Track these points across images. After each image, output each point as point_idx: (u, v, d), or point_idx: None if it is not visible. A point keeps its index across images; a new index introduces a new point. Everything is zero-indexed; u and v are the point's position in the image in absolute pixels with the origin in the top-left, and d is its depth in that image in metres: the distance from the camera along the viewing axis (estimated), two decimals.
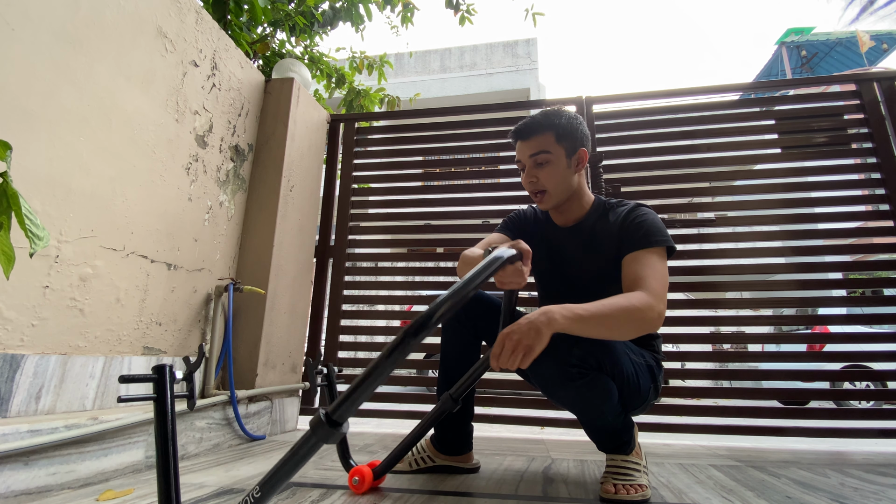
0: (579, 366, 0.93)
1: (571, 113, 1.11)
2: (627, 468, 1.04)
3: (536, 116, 1.09)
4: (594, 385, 0.95)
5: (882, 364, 1.94)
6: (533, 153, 1.08)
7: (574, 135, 1.09)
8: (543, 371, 0.95)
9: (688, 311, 2.07)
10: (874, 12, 6.10)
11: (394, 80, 10.18)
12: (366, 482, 1.02)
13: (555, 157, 1.08)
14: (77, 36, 1.23)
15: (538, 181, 1.09)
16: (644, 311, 0.88)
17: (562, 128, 1.08)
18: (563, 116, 1.09)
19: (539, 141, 1.08)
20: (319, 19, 2.80)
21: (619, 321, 0.87)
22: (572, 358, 0.92)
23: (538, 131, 1.08)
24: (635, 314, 0.88)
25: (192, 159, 1.66)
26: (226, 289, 1.76)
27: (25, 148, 1.08)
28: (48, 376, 1.11)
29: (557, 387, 0.96)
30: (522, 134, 1.10)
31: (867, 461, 1.55)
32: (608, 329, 0.87)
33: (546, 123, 1.08)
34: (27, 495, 0.94)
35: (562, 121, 1.08)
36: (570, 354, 0.92)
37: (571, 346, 0.93)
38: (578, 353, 0.93)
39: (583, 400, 0.97)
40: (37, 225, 0.65)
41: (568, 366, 0.92)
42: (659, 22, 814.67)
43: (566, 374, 0.92)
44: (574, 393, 0.95)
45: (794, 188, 2.15)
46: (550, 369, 0.94)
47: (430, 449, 1.25)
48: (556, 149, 1.07)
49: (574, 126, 1.09)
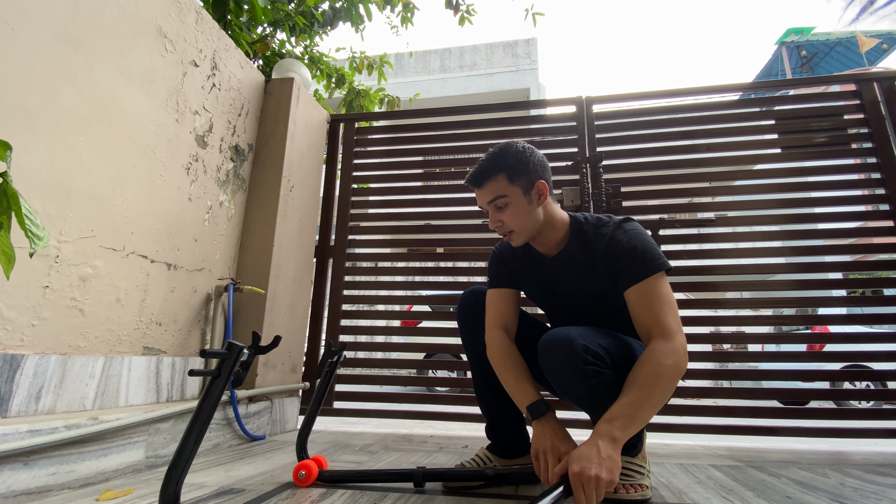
0: (595, 364, 0.93)
1: (520, 147, 1.07)
2: (631, 469, 1.04)
3: (484, 162, 1.07)
4: (609, 383, 0.94)
5: (882, 364, 1.94)
6: (490, 200, 1.06)
7: (526, 169, 1.06)
8: (558, 368, 0.95)
9: (688, 311, 2.07)
10: (874, 12, 6.10)
11: (394, 80, 10.19)
12: (311, 476, 1.08)
13: (512, 198, 1.05)
14: (77, 36, 1.23)
15: (503, 224, 1.08)
16: (673, 361, 0.88)
17: (512, 168, 1.05)
18: (510, 155, 1.06)
19: (492, 187, 1.06)
20: (319, 19, 2.80)
21: (660, 389, 0.86)
22: (588, 355, 0.93)
23: (489, 176, 1.05)
24: (668, 372, 0.87)
25: (192, 159, 1.66)
26: (226, 289, 1.76)
27: (25, 148, 1.08)
28: (48, 376, 1.11)
29: (573, 384, 0.95)
30: (476, 182, 1.08)
31: (867, 461, 1.54)
32: (656, 403, 0.86)
33: (495, 167, 1.05)
34: (27, 495, 0.94)
35: (510, 160, 1.05)
36: (585, 352, 0.92)
37: (587, 343, 0.93)
38: (594, 351, 0.93)
39: (598, 398, 0.96)
40: (37, 225, 0.65)
41: (584, 363, 0.92)
42: (659, 22, 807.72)
43: (582, 371, 0.92)
44: (589, 391, 0.95)
45: (794, 188, 2.15)
46: (565, 367, 0.94)
47: (492, 457, 1.23)
48: (511, 190, 1.05)
49: (524, 161, 1.06)
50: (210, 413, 0.78)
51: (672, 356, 0.88)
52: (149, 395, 1.42)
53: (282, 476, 1.19)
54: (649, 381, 0.86)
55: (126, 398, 1.34)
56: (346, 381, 2.30)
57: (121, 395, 1.32)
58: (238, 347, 0.81)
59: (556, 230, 1.12)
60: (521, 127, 2.45)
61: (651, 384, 0.86)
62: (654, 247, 1.02)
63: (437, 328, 2.32)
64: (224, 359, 0.80)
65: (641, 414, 0.85)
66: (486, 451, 1.24)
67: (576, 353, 0.92)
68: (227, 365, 0.80)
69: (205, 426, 0.78)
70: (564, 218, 1.14)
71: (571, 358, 0.93)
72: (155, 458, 1.26)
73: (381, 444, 1.74)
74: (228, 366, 0.80)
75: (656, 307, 0.94)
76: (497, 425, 1.22)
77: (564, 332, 0.97)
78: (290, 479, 1.15)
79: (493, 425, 1.22)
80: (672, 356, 0.88)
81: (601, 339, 0.97)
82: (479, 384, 1.24)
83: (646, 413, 0.85)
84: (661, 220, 2.12)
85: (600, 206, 2.19)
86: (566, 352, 0.93)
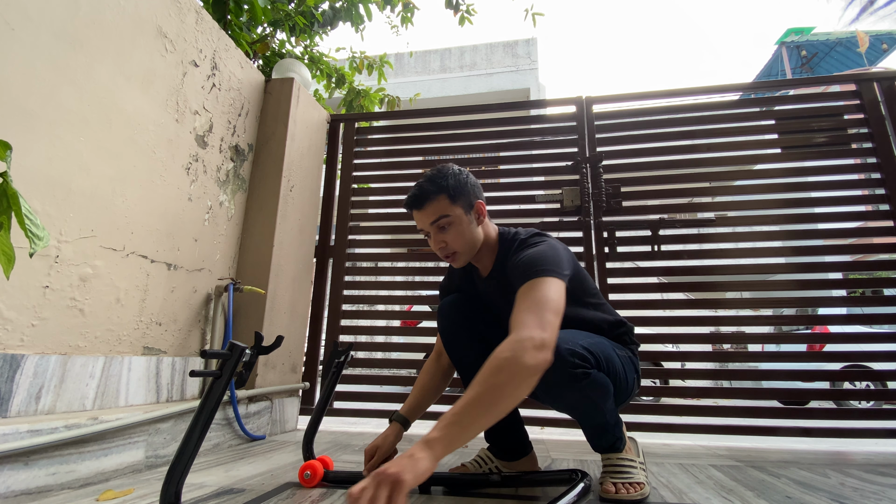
0: (583, 366, 0.93)
1: (456, 169, 1.10)
2: (624, 465, 1.04)
3: (424, 184, 1.08)
4: (596, 384, 0.95)
5: (882, 364, 1.94)
6: (433, 220, 1.07)
7: (465, 190, 1.08)
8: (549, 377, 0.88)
9: (688, 311, 2.07)
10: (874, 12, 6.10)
11: (394, 80, 10.18)
12: (317, 476, 1.08)
13: (455, 217, 1.07)
14: (77, 36, 1.23)
15: (447, 245, 1.08)
16: (511, 354, 0.78)
17: (452, 188, 1.06)
18: (449, 176, 1.08)
19: (434, 207, 1.06)
20: (319, 19, 2.80)
21: (494, 386, 0.76)
22: (575, 359, 0.92)
23: (431, 198, 1.06)
24: (505, 366, 0.77)
25: (192, 159, 1.66)
26: (226, 289, 1.76)
27: (25, 148, 1.08)
28: (48, 376, 1.11)
29: (564, 390, 0.94)
30: (417, 204, 1.08)
31: (867, 461, 1.55)
32: (490, 400, 0.76)
33: (436, 188, 1.06)
34: (27, 495, 0.94)
35: (450, 181, 1.07)
36: (572, 356, 0.92)
37: (571, 348, 0.93)
38: (580, 353, 0.93)
39: (586, 400, 0.97)
40: (37, 225, 0.65)
41: (573, 367, 0.92)
42: (659, 22, 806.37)
43: (573, 376, 0.92)
44: (579, 394, 0.95)
45: (794, 188, 2.15)
46: (556, 374, 0.91)
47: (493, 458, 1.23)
48: (453, 210, 1.07)
49: (463, 182, 1.09)
50: (211, 413, 0.78)
51: (512, 349, 0.79)
52: (149, 395, 1.42)
53: (282, 476, 1.19)
54: (482, 378, 0.78)
55: (126, 398, 1.34)
56: (346, 380, 2.30)
57: (121, 395, 1.32)
58: (240, 348, 0.81)
59: (491, 249, 1.16)
60: (521, 127, 2.45)
61: (482, 381, 0.77)
62: (547, 257, 0.97)
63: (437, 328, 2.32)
64: (225, 359, 0.80)
65: (466, 412, 0.75)
66: (486, 452, 1.24)
67: (562, 358, 0.90)
68: (228, 365, 0.80)
69: (206, 426, 0.78)
70: (495, 237, 1.16)
71: (561, 365, 0.90)
72: (155, 458, 1.26)
73: None
74: (230, 366, 0.80)
75: (523, 304, 0.88)
76: (495, 429, 1.20)
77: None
78: (290, 479, 1.15)
79: (493, 430, 1.21)
80: (512, 349, 0.79)
81: (581, 339, 0.97)
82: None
83: (471, 412, 0.76)
84: (661, 220, 2.12)
85: (600, 206, 2.19)
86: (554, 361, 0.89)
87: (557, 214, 2.27)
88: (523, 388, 0.78)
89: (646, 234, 2.15)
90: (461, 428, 0.75)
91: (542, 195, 2.32)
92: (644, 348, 1.34)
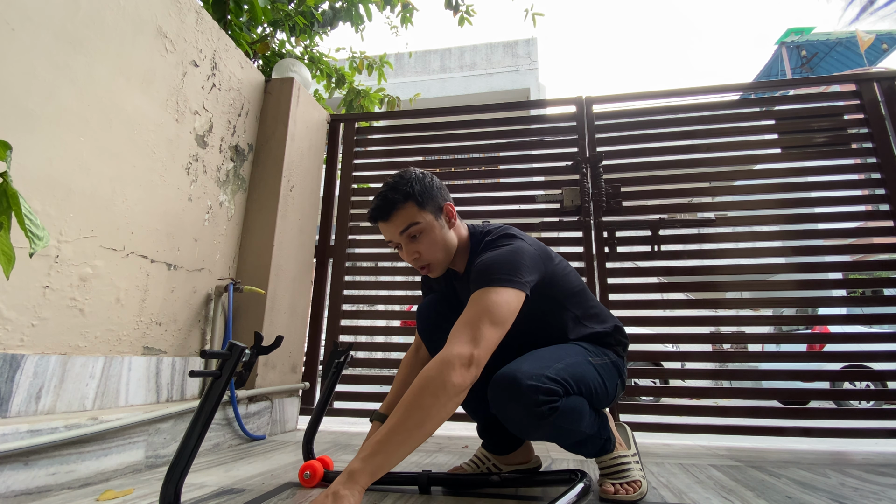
0: (550, 401, 0.86)
1: (419, 173, 1.04)
2: (618, 464, 1.04)
3: (387, 193, 1.00)
4: (567, 412, 0.89)
5: (882, 364, 1.93)
6: (402, 229, 1.00)
7: (432, 193, 1.02)
8: (513, 417, 0.88)
9: (688, 311, 2.07)
10: (874, 12, 6.10)
11: (394, 80, 10.18)
12: (317, 476, 1.08)
13: (426, 224, 1.00)
14: (77, 36, 1.23)
15: (420, 255, 1.02)
16: (437, 372, 0.77)
17: (419, 194, 1.00)
18: (413, 182, 1.01)
19: (402, 216, 0.99)
20: (319, 19, 2.80)
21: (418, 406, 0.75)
22: (539, 395, 0.85)
23: (397, 206, 0.99)
24: (429, 385, 0.76)
25: (192, 159, 1.66)
26: (226, 289, 1.76)
27: (25, 148, 1.08)
28: (48, 376, 1.11)
29: (531, 427, 0.89)
30: (383, 215, 1.00)
31: (867, 461, 1.54)
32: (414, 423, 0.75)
33: (402, 195, 0.99)
34: (27, 495, 0.94)
35: (415, 187, 1.00)
36: (536, 392, 0.85)
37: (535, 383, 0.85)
38: (545, 388, 0.86)
39: (559, 431, 0.92)
40: (37, 225, 0.65)
41: (537, 406, 0.85)
42: (659, 22, 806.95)
43: (539, 414, 0.85)
44: (550, 428, 0.89)
45: (794, 188, 2.15)
46: (520, 415, 0.87)
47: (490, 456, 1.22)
48: (423, 216, 1.00)
49: (428, 186, 1.02)
50: (211, 413, 0.78)
51: (438, 369, 0.78)
52: (149, 395, 1.42)
53: (282, 476, 1.19)
54: (407, 401, 0.77)
55: (126, 398, 1.34)
56: (346, 380, 2.30)
57: (121, 395, 1.32)
58: (240, 348, 0.81)
59: (464, 250, 1.10)
60: (521, 127, 2.45)
61: (407, 405, 0.76)
62: (504, 263, 0.93)
63: None
64: (225, 359, 0.80)
65: (393, 439, 0.74)
66: (483, 451, 1.23)
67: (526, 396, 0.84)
68: (228, 365, 0.80)
69: (206, 426, 0.78)
70: (467, 237, 1.11)
71: (524, 406, 0.85)
72: (155, 458, 1.26)
73: None
74: (230, 366, 0.80)
75: (465, 315, 0.86)
76: (488, 426, 1.20)
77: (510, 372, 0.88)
78: (290, 479, 1.15)
79: (485, 426, 1.21)
80: (438, 369, 0.78)
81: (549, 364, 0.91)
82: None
83: (400, 437, 0.74)
84: (661, 220, 2.12)
85: (600, 206, 2.19)
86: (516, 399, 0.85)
87: (557, 214, 2.27)
88: (448, 408, 0.78)
89: (646, 234, 2.15)
90: (386, 456, 0.74)
91: (542, 195, 2.32)
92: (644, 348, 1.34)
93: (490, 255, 0.97)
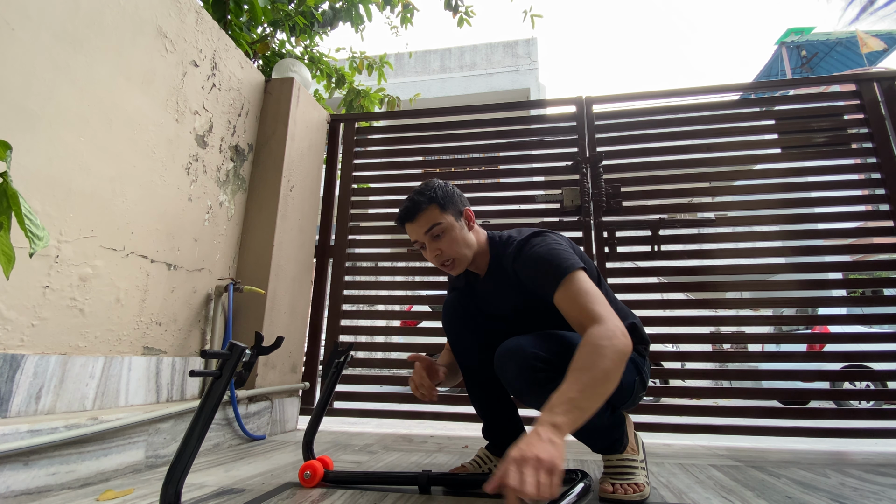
0: (546, 369, 0.92)
1: (440, 182, 1.15)
2: (623, 466, 1.04)
3: (414, 197, 1.11)
4: None
5: (882, 364, 1.93)
6: (427, 229, 1.10)
7: (453, 199, 1.13)
8: (510, 377, 0.95)
9: (688, 311, 2.07)
10: (874, 12, 6.10)
11: (394, 80, 10.18)
12: (317, 476, 1.09)
13: (447, 224, 1.10)
14: (77, 36, 1.23)
15: (443, 252, 1.11)
16: (609, 343, 0.84)
17: (441, 198, 1.10)
18: (436, 188, 1.12)
19: (426, 217, 1.10)
20: (319, 19, 2.80)
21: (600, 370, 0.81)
22: (538, 362, 0.92)
23: (422, 209, 1.09)
24: (607, 353, 0.83)
25: (192, 159, 1.66)
26: (226, 289, 1.76)
27: (25, 148, 1.08)
28: (48, 376, 1.11)
29: (528, 393, 0.95)
30: (409, 217, 1.11)
31: (867, 461, 1.54)
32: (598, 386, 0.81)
33: (426, 199, 1.10)
34: (27, 495, 0.94)
35: (438, 192, 1.11)
36: (535, 358, 0.92)
37: (537, 350, 0.93)
38: (543, 356, 0.92)
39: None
40: (37, 225, 0.65)
41: (534, 371, 0.91)
42: (659, 22, 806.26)
43: (534, 379, 0.92)
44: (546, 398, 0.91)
45: (794, 188, 2.15)
46: (515, 374, 0.93)
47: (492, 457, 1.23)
48: (444, 217, 1.10)
49: (449, 192, 1.13)
50: (211, 413, 0.78)
51: (608, 338, 0.85)
52: (149, 395, 1.42)
53: (282, 476, 1.19)
54: (587, 364, 0.82)
55: (126, 398, 1.34)
56: (346, 380, 2.30)
57: (121, 395, 1.32)
58: (240, 348, 0.81)
59: (485, 253, 1.18)
60: (521, 127, 2.45)
61: (589, 367, 0.81)
62: (561, 252, 1.02)
63: (437, 328, 2.32)
64: (225, 359, 0.80)
65: (583, 397, 0.79)
66: (485, 451, 1.24)
67: (527, 362, 0.92)
68: (228, 365, 0.80)
69: (206, 426, 0.78)
70: (485, 241, 1.19)
71: (523, 367, 0.93)
72: (155, 458, 1.26)
73: (381, 444, 1.74)
74: (230, 366, 0.80)
75: (581, 301, 0.93)
76: (493, 426, 1.22)
77: (515, 342, 0.97)
78: (290, 479, 1.15)
79: (490, 426, 1.23)
80: (608, 338, 0.85)
81: (552, 345, 0.97)
82: (472, 390, 1.23)
83: (588, 396, 0.80)
84: (661, 220, 2.12)
85: (600, 206, 2.19)
86: (518, 361, 0.93)
87: (557, 214, 2.27)
88: (621, 371, 0.84)
89: (646, 234, 2.15)
90: (582, 412, 0.78)
91: (542, 195, 2.32)
92: None
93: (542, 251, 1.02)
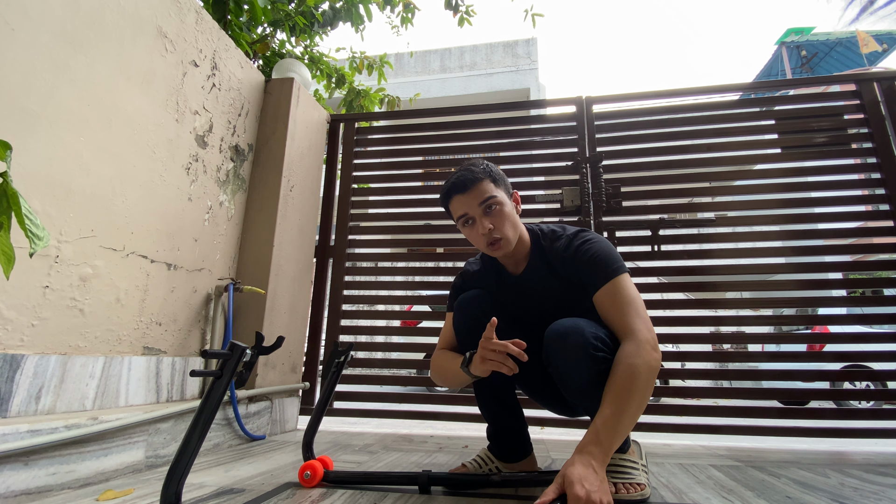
0: (604, 350, 0.95)
1: (488, 162, 1.12)
2: (625, 466, 1.04)
3: (464, 172, 1.08)
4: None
5: (882, 364, 1.94)
6: (481, 201, 1.05)
7: (504, 179, 1.12)
8: (570, 355, 0.96)
9: (688, 311, 2.07)
10: (874, 12, 6.10)
11: (394, 80, 10.19)
12: (317, 476, 1.08)
13: (501, 199, 1.07)
14: (77, 36, 1.23)
15: (494, 228, 1.06)
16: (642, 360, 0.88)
17: (495, 174, 1.09)
18: (489, 165, 1.10)
19: (482, 189, 1.06)
20: (319, 19, 2.80)
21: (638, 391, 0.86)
22: (598, 342, 0.95)
23: (477, 180, 1.06)
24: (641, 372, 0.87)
25: (192, 159, 1.66)
26: (226, 289, 1.76)
27: (25, 148, 1.08)
28: (48, 376, 1.11)
29: (583, 370, 0.95)
30: (462, 188, 1.07)
31: (867, 461, 1.54)
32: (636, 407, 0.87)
33: (480, 173, 1.07)
34: (27, 495, 0.94)
35: (491, 168, 1.09)
36: (596, 339, 0.95)
37: (595, 331, 0.96)
38: (602, 338, 0.96)
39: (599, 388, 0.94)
40: (37, 225, 0.65)
41: (595, 350, 0.94)
42: (659, 22, 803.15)
43: (594, 358, 0.94)
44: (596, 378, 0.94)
45: (794, 188, 2.15)
46: (577, 354, 0.95)
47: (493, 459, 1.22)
48: (499, 192, 1.08)
49: (500, 172, 1.12)
50: (212, 413, 0.78)
51: (640, 355, 0.89)
52: (149, 395, 1.42)
53: (282, 476, 1.19)
54: (625, 387, 0.87)
55: (126, 398, 1.34)
56: (346, 380, 2.30)
57: (121, 395, 1.32)
58: (241, 348, 0.80)
59: (525, 243, 1.15)
60: (521, 127, 2.45)
61: (627, 389, 0.86)
62: (612, 253, 1.05)
63: (437, 328, 2.32)
64: (226, 359, 0.80)
65: (624, 422, 0.85)
66: (487, 452, 1.23)
67: (587, 341, 0.94)
68: (229, 365, 0.80)
69: (206, 426, 0.78)
70: (527, 232, 1.17)
71: (584, 345, 0.94)
72: (155, 458, 1.26)
73: (382, 444, 1.74)
74: (231, 366, 0.80)
75: (621, 308, 0.97)
76: (499, 432, 1.21)
77: (573, 322, 0.98)
78: (290, 479, 1.15)
79: (496, 432, 1.21)
80: (640, 355, 0.89)
81: (601, 330, 0.99)
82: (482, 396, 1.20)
83: (628, 420, 0.86)
84: (661, 220, 2.12)
85: (600, 206, 2.19)
86: (577, 339, 0.95)
87: (557, 214, 2.27)
88: (653, 385, 0.90)
89: (646, 234, 2.15)
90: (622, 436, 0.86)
91: (542, 195, 2.32)
92: None
93: (596, 247, 1.05)
